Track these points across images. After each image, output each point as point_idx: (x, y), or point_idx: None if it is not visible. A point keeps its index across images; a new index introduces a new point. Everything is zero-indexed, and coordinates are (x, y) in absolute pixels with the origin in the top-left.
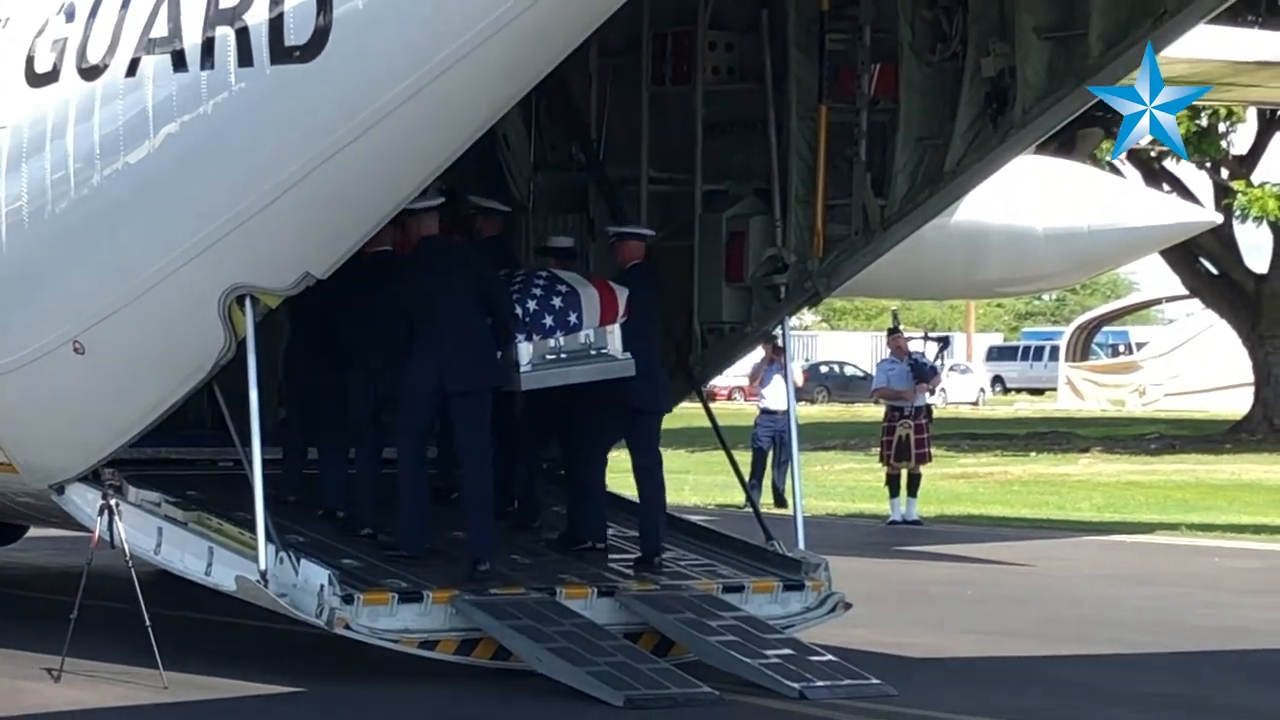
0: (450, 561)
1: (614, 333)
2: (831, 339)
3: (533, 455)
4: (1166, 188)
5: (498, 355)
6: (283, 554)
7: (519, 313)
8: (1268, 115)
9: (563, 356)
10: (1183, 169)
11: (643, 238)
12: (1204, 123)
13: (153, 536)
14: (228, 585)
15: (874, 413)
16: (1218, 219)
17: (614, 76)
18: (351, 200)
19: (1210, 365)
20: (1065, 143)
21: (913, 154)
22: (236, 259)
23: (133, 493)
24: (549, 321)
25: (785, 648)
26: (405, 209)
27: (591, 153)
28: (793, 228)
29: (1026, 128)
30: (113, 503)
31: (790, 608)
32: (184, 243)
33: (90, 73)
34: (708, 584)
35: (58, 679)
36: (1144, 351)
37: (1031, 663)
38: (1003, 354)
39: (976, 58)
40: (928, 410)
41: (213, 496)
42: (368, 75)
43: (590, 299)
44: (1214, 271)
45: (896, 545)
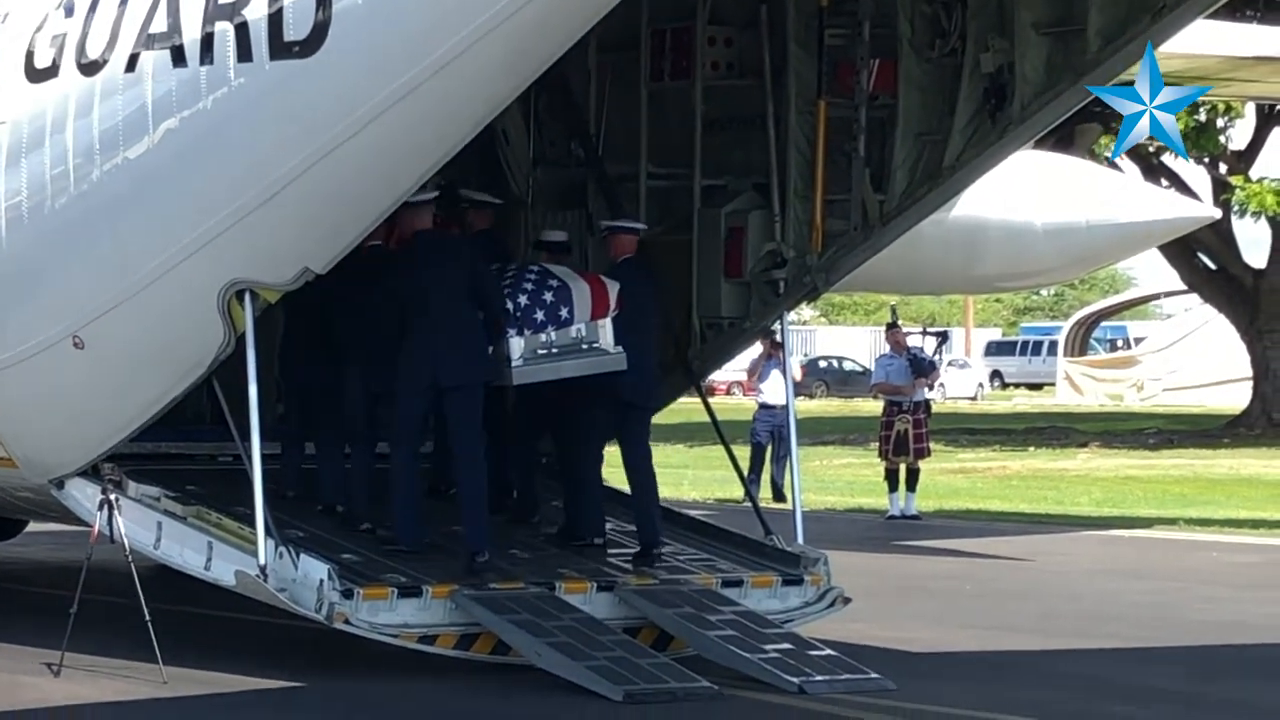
0: (449, 556)
1: (605, 327)
2: (830, 334)
3: (530, 450)
4: (1165, 183)
5: (489, 350)
6: (282, 549)
7: (510, 307)
8: (1266, 110)
9: (554, 351)
10: (1181, 164)
11: (635, 231)
12: (1202, 118)
13: (152, 531)
14: (227, 580)
15: (873, 408)
16: (1216, 214)
17: (613, 72)
18: (351, 195)
19: (1208, 360)
20: (1064, 138)
21: (911, 149)
22: (236, 254)
23: (132, 487)
24: (540, 316)
25: (784, 642)
26: None
27: (590, 148)
28: (791, 223)
29: (1025, 123)
30: (112, 497)
31: (789, 602)
32: (183, 238)
33: (90, 68)
34: (707, 579)
35: (57, 674)
36: (1142, 346)
37: (1030, 657)
38: (1001, 349)
39: (975, 53)
40: (926, 405)
41: (212, 491)
42: (367, 70)
43: (581, 293)
44: (1212, 266)
45: (895, 540)
